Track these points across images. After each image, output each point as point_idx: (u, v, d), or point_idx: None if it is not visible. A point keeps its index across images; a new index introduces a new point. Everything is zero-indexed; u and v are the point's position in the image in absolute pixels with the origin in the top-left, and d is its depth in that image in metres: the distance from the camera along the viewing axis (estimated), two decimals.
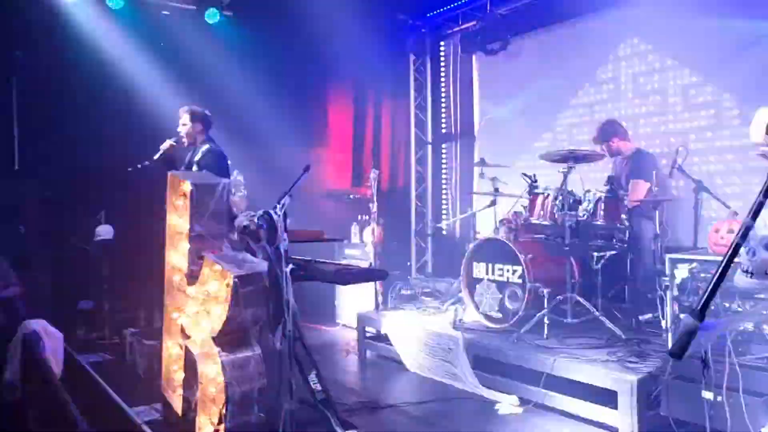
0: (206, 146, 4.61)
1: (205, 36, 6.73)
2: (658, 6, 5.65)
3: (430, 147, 8.26)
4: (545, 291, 4.50)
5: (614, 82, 6.25)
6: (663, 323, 4.26)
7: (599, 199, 4.55)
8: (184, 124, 4.68)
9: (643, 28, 5.96)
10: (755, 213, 1.22)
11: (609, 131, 5.23)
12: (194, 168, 4.42)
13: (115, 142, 5.76)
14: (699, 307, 1.14)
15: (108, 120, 5.75)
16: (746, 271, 1.92)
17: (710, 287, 1.17)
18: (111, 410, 3.52)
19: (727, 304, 2.98)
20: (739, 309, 2.61)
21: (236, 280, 2.86)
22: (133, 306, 5.18)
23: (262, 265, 2.99)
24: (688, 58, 5.61)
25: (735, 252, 1.20)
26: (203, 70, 6.61)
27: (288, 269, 3.09)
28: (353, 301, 6.16)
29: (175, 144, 4.63)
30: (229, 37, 6.84)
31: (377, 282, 5.69)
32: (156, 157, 4.59)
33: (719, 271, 1.19)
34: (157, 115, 5.91)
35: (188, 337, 3.21)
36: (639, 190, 4.89)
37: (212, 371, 2.99)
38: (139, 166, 4.52)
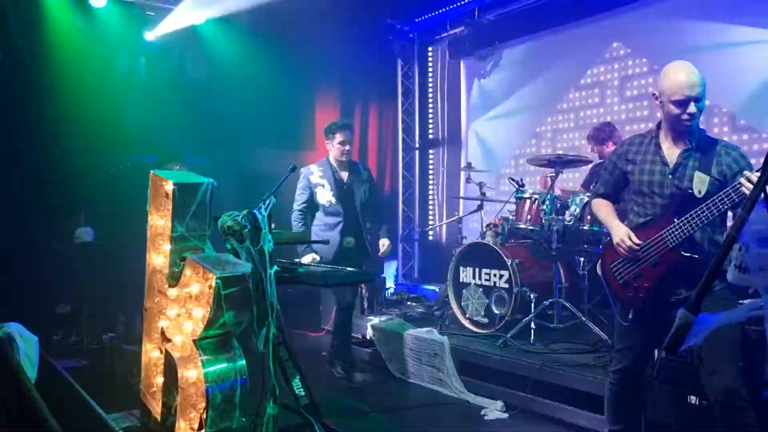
0: None
1: (190, 37, 6.66)
2: (642, 14, 5.71)
3: (417, 152, 8.24)
4: (532, 296, 4.49)
5: (600, 87, 6.28)
6: None
7: (586, 203, 4.54)
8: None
9: (627, 35, 6.01)
10: (749, 207, 1.19)
11: (606, 134, 5.15)
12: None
13: (97, 143, 5.66)
14: (694, 301, 1.11)
15: (89, 121, 5.65)
16: (739, 267, 1.90)
17: (704, 281, 1.14)
18: (87, 416, 3.42)
19: None
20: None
21: (218, 281, 2.79)
22: (113, 310, 5.08)
23: (245, 267, 2.93)
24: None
25: (730, 246, 1.17)
26: (188, 72, 6.54)
27: (272, 271, 3.03)
28: None
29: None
30: (214, 39, 6.77)
31: (363, 287, 5.64)
32: None
33: (714, 265, 1.16)
34: (141, 117, 5.84)
35: (169, 341, 3.14)
36: None
37: (193, 375, 2.91)
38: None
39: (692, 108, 2.53)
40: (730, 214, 2.42)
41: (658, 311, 2.55)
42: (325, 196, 4.47)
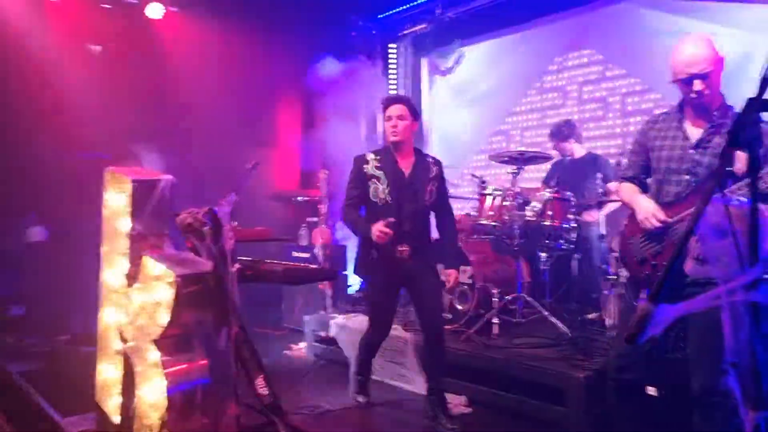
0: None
1: (147, 31, 6.51)
2: (601, 13, 5.83)
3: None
4: (494, 291, 4.53)
5: (560, 89, 6.38)
6: (608, 322, 4.35)
7: (547, 199, 4.61)
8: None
9: (587, 37, 6.12)
10: (707, 199, 1.21)
11: (566, 131, 5.27)
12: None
13: (49, 140, 5.48)
14: (654, 292, 1.13)
15: (40, 116, 5.47)
16: (697, 258, 1.95)
17: (665, 272, 1.16)
18: (41, 421, 3.32)
19: None
20: None
21: (178, 280, 2.73)
22: (68, 311, 4.93)
23: (206, 265, 2.87)
24: (628, 67, 5.81)
25: (688, 237, 1.19)
26: (145, 67, 6.39)
27: (234, 269, 2.98)
28: (301, 303, 6.05)
29: None
30: (173, 32, 6.63)
31: (326, 284, 5.61)
32: None
33: (674, 256, 1.18)
34: (94, 112, 5.68)
35: (126, 342, 3.06)
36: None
37: (152, 376, 2.85)
38: None
39: (697, 86, 2.42)
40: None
41: (673, 292, 2.43)
42: (379, 191, 3.53)
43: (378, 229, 3.34)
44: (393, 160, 3.58)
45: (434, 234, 3.82)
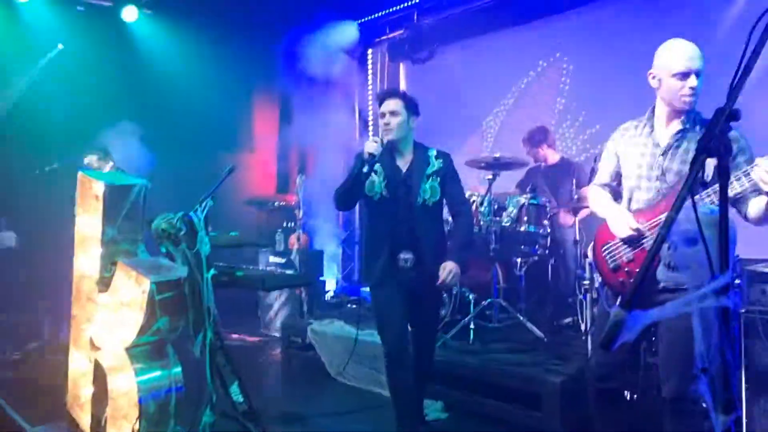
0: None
1: (122, 34, 6.43)
2: (577, 22, 5.91)
3: None
4: (471, 296, 4.55)
5: (536, 95, 6.44)
6: (583, 326, 4.39)
7: (523, 205, 4.65)
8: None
9: (563, 44, 6.20)
10: (678, 207, 1.23)
11: (540, 137, 5.33)
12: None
13: (18, 144, 5.38)
14: (627, 298, 1.14)
15: (11, 120, 5.37)
16: (668, 266, 1.98)
17: (637, 279, 1.17)
18: (10, 431, 3.25)
19: None
20: None
21: (153, 285, 2.70)
22: (38, 318, 4.82)
23: (181, 271, 2.84)
24: (603, 74, 5.88)
25: (660, 244, 1.21)
26: (119, 70, 6.31)
27: (209, 275, 2.95)
28: (277, 309, 6.02)
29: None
30: (148, 36, 6.56)
31: (303, 290, 5.59)
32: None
33: (646, 263, 1.20)
34: (67, 116, 5.59)
35: (98, 349, 3.01)
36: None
37: (124, 385, 2.80)
38: None
39: (693, 81, 2.39)
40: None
41: (645, 298, 2.33)
42: (375, 185, 3.24)
43: (367, 144, 3.12)
44: (391, 155, 3.32)
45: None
